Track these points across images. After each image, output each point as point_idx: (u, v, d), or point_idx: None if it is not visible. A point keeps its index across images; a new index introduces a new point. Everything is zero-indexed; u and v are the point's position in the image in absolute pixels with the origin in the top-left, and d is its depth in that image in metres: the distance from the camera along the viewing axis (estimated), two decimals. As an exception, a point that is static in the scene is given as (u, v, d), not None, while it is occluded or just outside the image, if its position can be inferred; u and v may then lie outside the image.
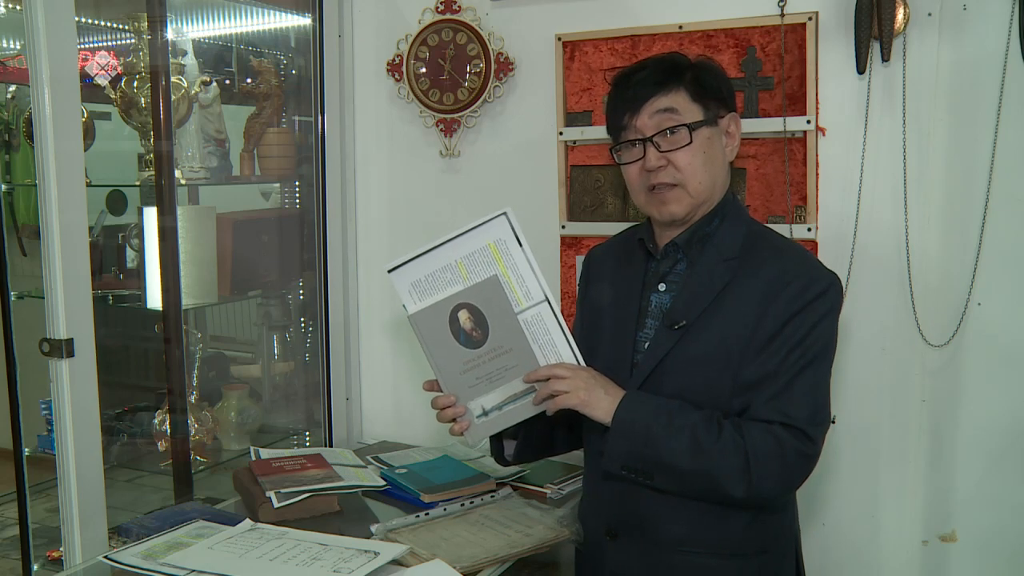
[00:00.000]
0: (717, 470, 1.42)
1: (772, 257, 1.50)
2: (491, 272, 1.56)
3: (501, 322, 1.54)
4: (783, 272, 1.47)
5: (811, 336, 1.44)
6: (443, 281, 1.56)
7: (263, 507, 1.77)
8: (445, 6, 2.30)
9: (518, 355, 1.54)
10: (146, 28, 2.13)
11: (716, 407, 1.46)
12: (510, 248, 1.56)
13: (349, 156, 2.50)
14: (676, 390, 1.49)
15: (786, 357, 1.44)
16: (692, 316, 1.49)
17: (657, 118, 1.51)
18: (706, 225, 1.54)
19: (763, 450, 1.40)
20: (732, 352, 1.46)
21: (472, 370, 1.54)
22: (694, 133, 1.50)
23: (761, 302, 1.46)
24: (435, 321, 1.54)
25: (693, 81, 1.52)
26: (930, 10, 1.83)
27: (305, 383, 2.65)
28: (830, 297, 1.47)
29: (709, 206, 1.55)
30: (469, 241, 1.56)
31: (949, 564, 1.94)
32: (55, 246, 1.78)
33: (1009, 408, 1.85)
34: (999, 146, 1.80)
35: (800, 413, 1.43)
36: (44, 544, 2.23)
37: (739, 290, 1.48)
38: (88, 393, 1.85)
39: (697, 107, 1.51)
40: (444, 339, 1.54)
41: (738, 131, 1.57)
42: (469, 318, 1.54)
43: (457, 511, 1.79)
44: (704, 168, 1.51)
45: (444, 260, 1.56)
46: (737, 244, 1.52)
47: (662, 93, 1.51)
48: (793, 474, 1.45)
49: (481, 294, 1.54)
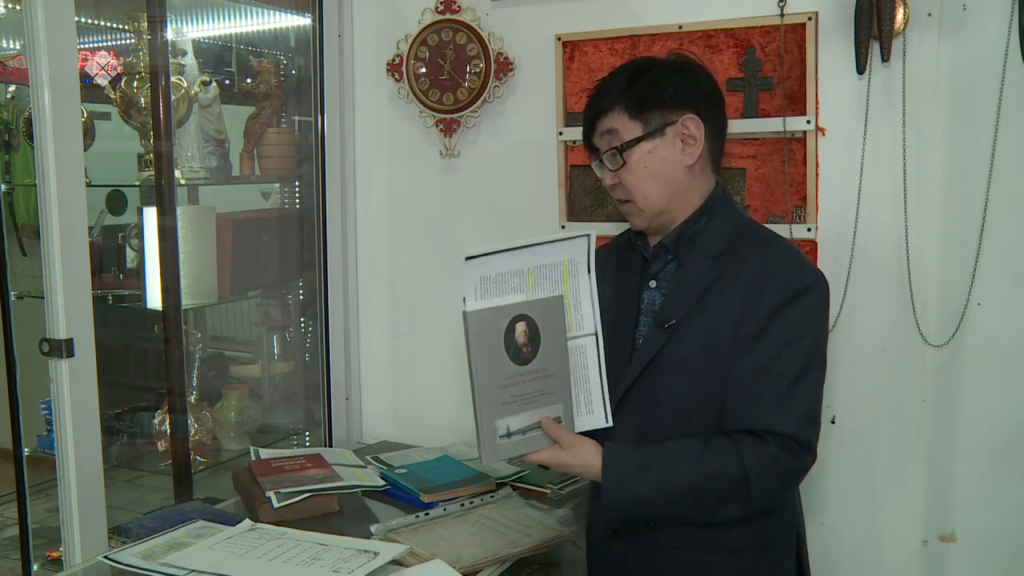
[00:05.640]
0: (718, 505, 1.43)
1: (755, 253, 1.49)
2: (557, 291, 1.49)
3: (553, 344, 1.47)
4: (764, 267, 1.46)
5: (799, 337, 1.42)
6: (510, 286, 1.46)
7: (263, 507, 1.77)
8: (445, 6, 2.30)
9: (557, 382, 1.48)
10: (146, 28, 2.13)
11: (710, 405, 1.46)
12: (579, 271, 1.51)
13: (349, 156, 2.50)
14: (669, 388, 1.49)
15: (774, 359, 1.42)
16: (680, 314, 1.49)
17: (604, 139, 1.54)
18: (693, 224, 1.54)
19: (761, 471, 1.40)
20: (719, 350, 1.45)
21: (511, 387, 1.45)
22: (626, 154, 1.50)
23: (744, 299, 1.45)
24: (492, 326, 1.43)
25: (630, 97, 1.50)
26: (930, 10, 1.83)
27: (305, 383, 2.65)
28: (815, 295, 1.45)
29: (684, 209, 1.54)
30: (547, 252, 1.48)
31: (949, 564, 1.94)
32: (55, 246, 1.78)
33: (1009, 408, 1.85)
34: (999, 146, 1.80)
35: (795, 423, 1.41)
36: (44, 544, 2.23)
37: (724, 287, 1.47)
38: (88, 393, 1.85)
39: (636, 123, 1.50)
40: (495, 347, 1.43)
41: (698, 130, 1.50)
42: (525, 331, 1.45)
43: (457, 511, 1.79)
44: (650, 182, 1.51)
45: (518, 264, 1.46)
46: (724, 241, 1.51)
47: (604, 114, 1.53)
48: (790, 486, 1.49)
49: (544, 310, 1.47)
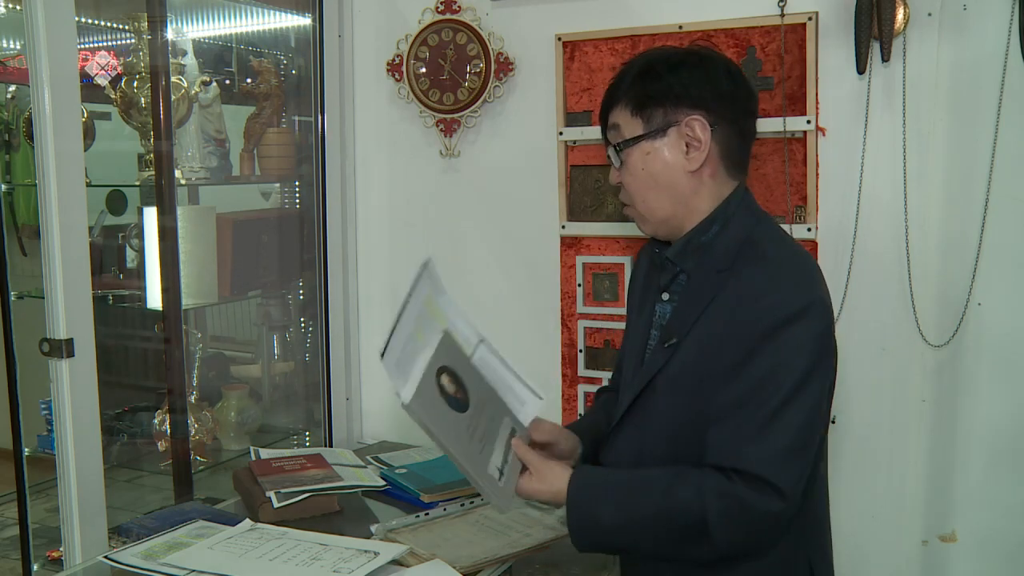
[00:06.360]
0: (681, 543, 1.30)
1: (751, 268, 1.32)
2: (438, 328, 1.40)
3: (469, 375, 1.41)
4: (754, 287, 1.30)
5: (784, 367, 1.26)
6: (413, 353, 1.36)
7: (263, 507, 1.77)
8: (445, 6, 2.30)
9: (492, 402, 1.43)
10: (146, 28, 2.13)
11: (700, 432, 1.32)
12: (438, 297, 1.44)
13: (349, 156, 2.50)
14: (662, 411, 1.38)
15: (754, 391, 1.27)
16: (683, 333, 1.36)
17: (611, 134, 1.41)
18: (702, 234, 1.38)
19: (720, 511, 1.25)
20: (704, 376, 1.32)
21: (474, 432, 1.37)
22: (624, 153, 1.38)
23: (729, 322, 1.30)
24: (429, 398, 1.34)
25: (635, 92, 1.37)
26: (930, 10, 1.83)
27: (305, 383, 2.65)
28: (807, 322, 1.27)
29: (692, 216, 1.38)
30: (415, 303, 1.39)
31: (949, 564, 1.94)
32: (55, 246, 1.77)
33: (1009, 408, 1.85)
34: (999, 146, 1.80)
35: (766, 461, 1.25)
36: (44, 544, 2.23)
37: (718, 307, 1.32)
38: (88, 393, 1.85)
39: (638, 121, 1.36)
40: (443, 412, 1.35)
41: (704, 132, 1.34)
42: (449, 380, 1.38)
43: (457, 511, 1.79)
44: (648, 187, 1.37)
45: (408, 329, 1.37)
46: (732, 253, 1.34)
47: (612, 107, 1.40)
48: (759, 531, 1.29)
49: (446, 352, 1.38)
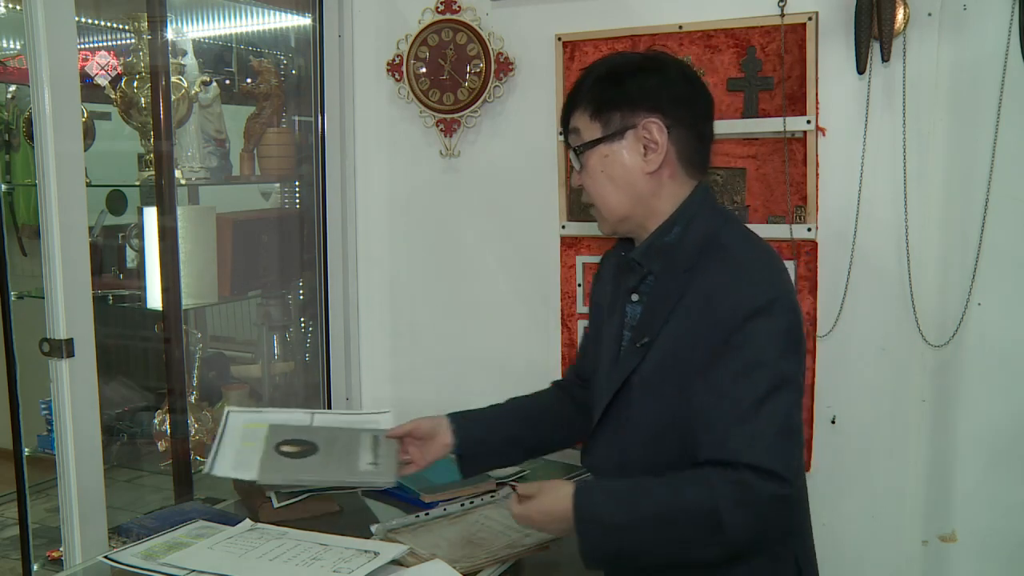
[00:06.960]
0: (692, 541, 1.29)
1: (715, 266, 1.36)
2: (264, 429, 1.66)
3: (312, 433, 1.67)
4: (718, 286, 1.33)
5: (757, 361, 1.29)
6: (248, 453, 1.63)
7: (263, 507, 1.77)
8: (445, 6, 2.30)
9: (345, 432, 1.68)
10: (146, 28, 2.14)
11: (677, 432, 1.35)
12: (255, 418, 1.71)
13: (349, 156, 2.49)
14: (638, 412, 1.41)
15: (731, 386, 1.29)
16: (653, 333, 1.39)
17: (572, 137, 1.46)
18: (664, 234, 1.42)
19: (732, 497, 1.25)
20: (678, 373, 1.35)
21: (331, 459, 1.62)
22: (583, 156, 1.42)
23: (698, 319, 1.33)
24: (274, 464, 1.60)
25: (593, 96, 1.41)
26: (930, 10, 1.83)
27: (305, 383, 2.65)
28: (774, 316, 1.30)
29: (653, 217, 1.42)
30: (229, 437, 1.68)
31: (949, 564, 1.94)
32: (55, 246, 1.78)
33: (1009, 408, 1.85)
34: (999, 146, 1.80)
35: (759, 450, 1.27)
36: (44, 544, 2.24)
37: (686, 306, 1.35)
38: (88, 393, 1.85)
39: (596, 124, 1.40)
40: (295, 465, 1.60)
41: (660, 134, 1.37)
42: (290, 446, 1.63)
43: (457, 511, 1.79)
44: (608, 188, 1.41)
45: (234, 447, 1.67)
46: (696, 252, 1.38)
47: (572, 111, 1.45)
48: (767, 516, 1.29)
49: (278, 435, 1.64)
